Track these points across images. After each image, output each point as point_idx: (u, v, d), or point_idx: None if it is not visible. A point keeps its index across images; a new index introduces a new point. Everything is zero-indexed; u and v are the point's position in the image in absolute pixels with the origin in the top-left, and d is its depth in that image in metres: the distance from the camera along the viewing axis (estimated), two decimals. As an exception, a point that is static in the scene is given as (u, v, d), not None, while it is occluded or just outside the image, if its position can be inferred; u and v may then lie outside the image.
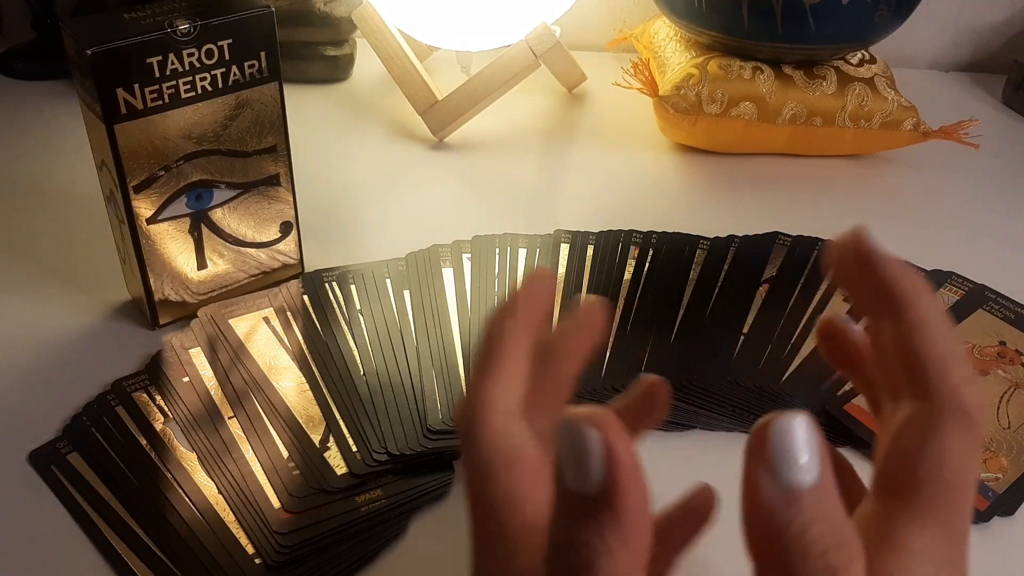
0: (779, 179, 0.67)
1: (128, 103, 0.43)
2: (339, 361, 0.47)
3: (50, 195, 0.61)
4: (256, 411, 0.44)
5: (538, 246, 0.56)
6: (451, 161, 0.68)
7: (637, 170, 0.68)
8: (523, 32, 0.68)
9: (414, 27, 0.69)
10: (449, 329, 0.49)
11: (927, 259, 0.57)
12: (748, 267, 0.55)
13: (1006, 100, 0.81)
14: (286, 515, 0.39)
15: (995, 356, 0.49)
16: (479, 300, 0.51)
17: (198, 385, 0.46)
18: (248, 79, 0.46)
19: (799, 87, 0.66)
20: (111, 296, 0.52)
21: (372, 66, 0.78)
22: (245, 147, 0.48)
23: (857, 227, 0.25)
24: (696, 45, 0.71)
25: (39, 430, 0.43)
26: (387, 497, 0.41)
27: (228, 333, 0.48)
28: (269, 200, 0.50)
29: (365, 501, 0.40)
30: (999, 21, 0.86)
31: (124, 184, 0.44)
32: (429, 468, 0.42)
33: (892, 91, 0.67)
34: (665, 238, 0.58)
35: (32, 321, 0.50)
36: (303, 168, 0.53)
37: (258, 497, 0.40)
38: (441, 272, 0.54)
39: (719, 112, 0.66)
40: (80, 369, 0.47)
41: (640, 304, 0.52)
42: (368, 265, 0.54)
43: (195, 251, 0.49)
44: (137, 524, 0.39)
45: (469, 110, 0.68)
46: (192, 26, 0.43)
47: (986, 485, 0.42)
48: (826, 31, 0.65)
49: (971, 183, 0.68)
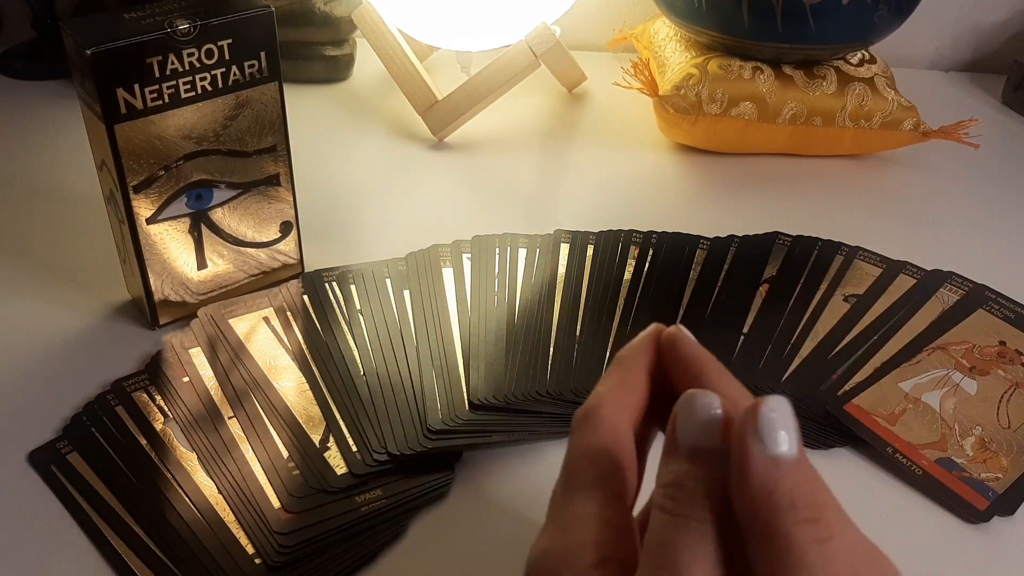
0: (779, 179, 0.67)
1: (128, 103, 0.43)
2: (339, 361, 0.47)
3: (50, 195, 0.61)
4: (256, 411, 0.44)
5: (538, 246, 0.56)
6: (451, 161, 0.68)
7: (637, 170, 0.68)
8: (523, 32, 0.68)
9: (414, 27, 0.69)
10: (449, 329, 0.49)
11: (927, 259, 0.57)
12: (748, 267, 0.55)
13: (1006, 100, 0.81)
14: (286, 515, 0.39)
15: (995, 356, 0.49)
16: (479, 300, 0.51)
17: (198, 385, 0.46)
18: (248, 79, 0.46)
19: (799, 87, 0.66)
20: (111, 296, 0.52)
21: (372, 66, 0.78)
22: (245, 147, 0.48)
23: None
24: (696, 45, 0.71)
25: (39, 430, 0.44)
26: (387, 497, 0.41)
27: (228, 333, 0.48)
28: (269, 200, 0.50)
29: (365, 501, 0.40)
30: (999, 21, 0.86)
31: (124, 184, 0.44)
32: (429, 468, 0.42)
33: (892, 91, 0.67)
34: (665, 238, 0.58)
35: (32, 321, 0.50)
36: (303, 168, 0.53)
37: (258, 497, 0.40)
38: (441, 272, 0.54)
39: (719, 112, 0.66)
40: (80, 369, 0.47)
41: (640, 304, 0.52)
42: (368, 265, 0.54)
43: (195, 251, 0.49)
44: (137, 524, 0.39)
45: (469, 110, 0.68)
46: (192, 26, 0.43)
47: (986, 485, 0.42)
48: (826, 31, 0.65)
49: (971, 183, 0.68)
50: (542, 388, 0.46)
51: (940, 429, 0.45)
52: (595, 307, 0.51)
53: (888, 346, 0.50)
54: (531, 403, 0.45)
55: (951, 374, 0.48)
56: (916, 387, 0.47)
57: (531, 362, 0.47)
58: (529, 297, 0.52)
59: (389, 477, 0.41)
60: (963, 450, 0.44)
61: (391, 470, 0.42)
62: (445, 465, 0.42)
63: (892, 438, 0.44)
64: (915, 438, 0.44)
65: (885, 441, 0.44)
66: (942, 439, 0.44)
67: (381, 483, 0.41)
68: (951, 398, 0.47)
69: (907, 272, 0.55)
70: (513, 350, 0.48)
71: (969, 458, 0.43)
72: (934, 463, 0.43)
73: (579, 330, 0.50)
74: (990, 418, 0.46)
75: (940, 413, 0.46)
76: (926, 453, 0.44)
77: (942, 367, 0.48)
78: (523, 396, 0.45)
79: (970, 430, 0.45)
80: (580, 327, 0.50)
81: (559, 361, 0.48)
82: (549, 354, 0.48)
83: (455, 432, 0.43)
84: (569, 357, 0.48)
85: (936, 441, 0.44)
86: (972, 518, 0.41)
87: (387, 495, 0.41)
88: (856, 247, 0.57)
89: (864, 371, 0.48)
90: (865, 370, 0.48)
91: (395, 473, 0.42)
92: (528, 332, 0.49)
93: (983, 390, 0.47)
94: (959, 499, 0.42)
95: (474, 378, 0.46)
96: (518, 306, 0.51)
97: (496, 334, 0.49)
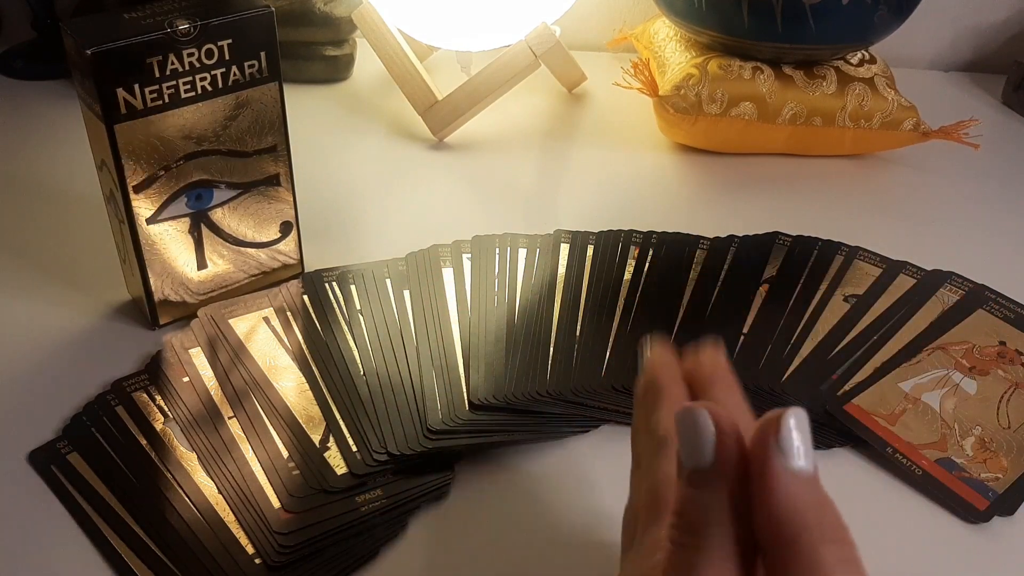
0: (779, 179, 0.67)
1: (128, 103, 0.43)
2: (339, 361, 0.47)
3: (50, 195, 0.61)
4: (256, 411, 0.44)
5: (538, 246, 0.56)
6: (451, 161, 0.68)
7: (637, 170, 0.68)
8: (523, 32, 0.68)
9: (414, 27, 0.69)
10: (449, 329, 0.49)
11: (927, 259, 0.57)
12: (748, 267, 0.55)
13: (1006, 100, 0.81)
14: (286, 515, 0.39)
15: (995, 356, 0.49)
16: (479, 300, 0.51)
17: (198, 385, 0.46)
18: (248, 79, 0.46)
19: (799, 87, 0.66)
20: (111, 296, 0.52)
21: (372, 66, 0.78)
22: (245, 147, 0.48)
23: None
24: (696, 45, 0.71)
25: (39, 430, 0.43)
26: (387, 497, 0.41)
27: (228, 333, 0.48)
28: (269, 200, 0.50)
29: (365, 501, 0.40)
30: (999, 21, 0.86)
31: (124, 184, 0.44)
32: (429, 468, 0.42)
33: (892, 91, 0.67)
34: (665, 238, 0.58)
35: (32, 321, 0.50)
36: (303, 168, 0.53)
37: (258, 497, 0.40)
38: (441, 272, 0.54)
39: (719, 112, 0.66)
40: (80, 369, 0.47)
41: (640, 304, 0.52)
42: (368, 265, 0.54)
43: (195, 251, 0.49)
44: (137, 524, 0.39)
45: (469, 110, 0.68)
46: (192, 26, 0.43)
47: (986, 485, 0.42)
48: (826, 31, 0.65)
49: (971, 183, 0.68)
50: (542, 388, 0.46)
51: (940, 429, 0.45)
52: (595, 307, 0.51)
53: (888, 346, 0.50)
54: (531, 403, 0.45)
55: (951, 374, 0.48)
56: (916, 387, 0.47)
57: (531, 362, 0.47)
58: (529, 297, 0.52)
59: (389, 477, 0.41)
60: (963, 450, 0.44)
61: (391, 470, 0.42)
62: (445, 465, 0.42)
63: (892, 438, 0.44)
64: (915, 438, 0.44)
65: (885, 441, 0.44)
66: (942, 439, 0.44)
67: (381, 483, 0.41)
68: (951, 398, 0.47)
69: (907, 272, 0.55)
70: (513, 350, 0.48)
71: (969, 458, 0.43)
72: (934, 463, 0.43)
73: (579, 330, 0.50)
74: (990, 418, 0.46)
75: (940, 413, 0.46)
76: (926, 453, 0.44)
77: (942, 367, 0.48)
78: (523, 396, 0.45)
79: (970, 430, 0.45)
80: (580, 327, 0.50)
81: (559, 361, 0.48)
82: (549, 354, 0.48)
83: (455, 432, 0.43)
84: (569, 357, 0.48)
85: (936, 441, 0.44)
86: (972, 518, 0.41)
87: (387, 495, 0.41)
88: (856, 247, 0.57)
89: (864, 371, 0.48)
90: (865, 370, 0.48)
91: (395, 473, 0.42)
92: (528, 332, 0.49)
93: (983, 390, 0.47)
94: (959, 499, 0.42)
95: (474, 378, 0.46)
96: (518, 306, 0.51)
97: (496, 334, 0.49)
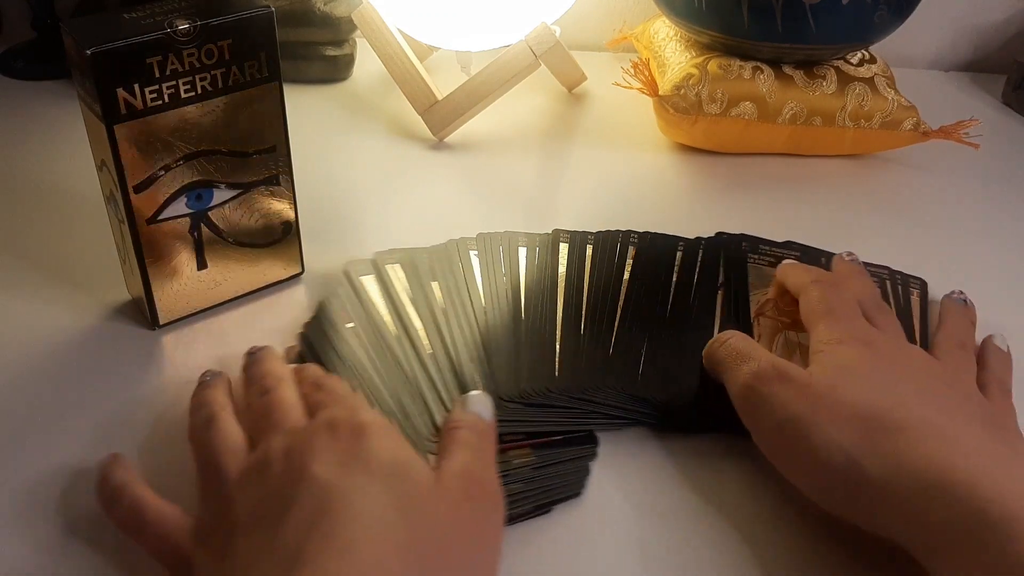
0: (779, 179, 0.67)
1: (128, 103, 0.43)
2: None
3: (50, 195, 0.61)
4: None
5: (537, 245, 0.56)
6: (451, 161, 0.68)
7: (637, 170, 0.68)
8: (523, 32, 0.68)
9: (414, 27, 0.69)
10: (450, 329, 0.49)
11: (927, 259, 0.57)
12: (712, 270, 0.55)
13: (1006, 100, 0.81)
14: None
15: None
16: (481, 299, 0.51)
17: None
18: (248, 79, 0.46)
19: (799, 87, 0.66)
20: (111, 296, 0.52)
21: (372, 66, 0.78)
22: (245, 147, 0.48)
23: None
24: (696, 45, 0.71)
25: (37, 430, 0.43)
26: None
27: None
28: (269, 200, 0.50)
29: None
30: (999, 21, 0.86)
31: (124, 184, 0.44)
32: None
33: (892, 91, 0.67)
34: (657, 239, 0.57)
35: (32, 321, 0.50)
36: (303, 168, 0.53)
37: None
38: (471, 260, 0.53)
39: (719, 112, 0.66)
40: (80, 369, 0.47)
41: (636, 305, 0.52)
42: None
43: (195, 251, 0.49)
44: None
45: (469, 110, 0.68)
46: (192, 26, 0.43)
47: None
48: (826, 31, 0.65)
49: (971, 183, 0.68)
50: (550, 385, 0.46)
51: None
52: (596, 307, 0.51)
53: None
54: (542, 399, 0.45)
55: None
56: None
57: (537, 361, 0.47)
58: (532, 295, 0.52)
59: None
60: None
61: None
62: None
63: None
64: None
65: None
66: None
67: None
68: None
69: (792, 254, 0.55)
70: (517, 349, 0.48)
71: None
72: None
73: (582, 328, 0.50)
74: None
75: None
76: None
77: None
78: (534, 393, 0.45)
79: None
80: (583, 325, 0.50)
81: (565, 361, 0.47)
82: (555, 352, 0.48)
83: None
84: (572, 357, 0.48)
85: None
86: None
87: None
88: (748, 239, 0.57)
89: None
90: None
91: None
92: (532, 331, 0.49)
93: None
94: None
95: (483, 377, 0.46)
96: (523, 304, 0.51)
97: (501, 331, 0.49)
